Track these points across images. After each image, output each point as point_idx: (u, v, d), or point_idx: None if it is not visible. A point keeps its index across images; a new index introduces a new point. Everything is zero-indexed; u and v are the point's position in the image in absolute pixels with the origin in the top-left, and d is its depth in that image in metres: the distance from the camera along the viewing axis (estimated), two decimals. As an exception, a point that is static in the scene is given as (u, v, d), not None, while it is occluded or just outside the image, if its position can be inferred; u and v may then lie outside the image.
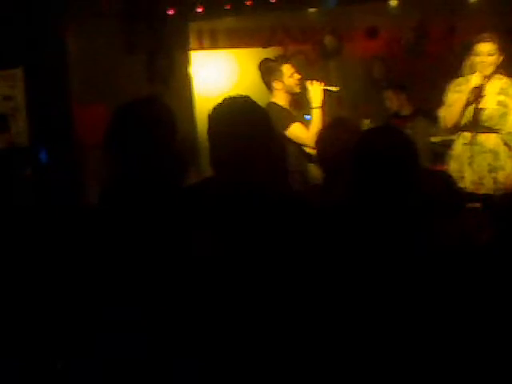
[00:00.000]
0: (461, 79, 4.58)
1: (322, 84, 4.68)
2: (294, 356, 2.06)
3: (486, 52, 4.40)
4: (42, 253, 2.44)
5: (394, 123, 5.81)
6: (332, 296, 2.12)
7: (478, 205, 3.23)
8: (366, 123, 5.59)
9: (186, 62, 5.77)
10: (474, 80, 4.39)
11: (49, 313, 2.22)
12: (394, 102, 6.07)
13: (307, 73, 5.25)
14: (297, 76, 4.89)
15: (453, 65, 4.81)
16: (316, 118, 4.58)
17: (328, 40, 6.97)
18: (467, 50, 4.47)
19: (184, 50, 5.76)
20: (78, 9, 4.76)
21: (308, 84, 4.70)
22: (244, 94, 2.37)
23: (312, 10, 6.72)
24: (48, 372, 2.13)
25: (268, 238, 2.08)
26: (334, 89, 4.67)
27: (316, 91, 4.70)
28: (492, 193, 4.10)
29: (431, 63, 5.27)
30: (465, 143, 4.43)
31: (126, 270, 2.05)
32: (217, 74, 6.42)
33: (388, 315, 2.10)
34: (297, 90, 4.82)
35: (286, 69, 4.90)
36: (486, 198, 3.47)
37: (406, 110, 5.99)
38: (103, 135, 2.12)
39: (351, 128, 3.24)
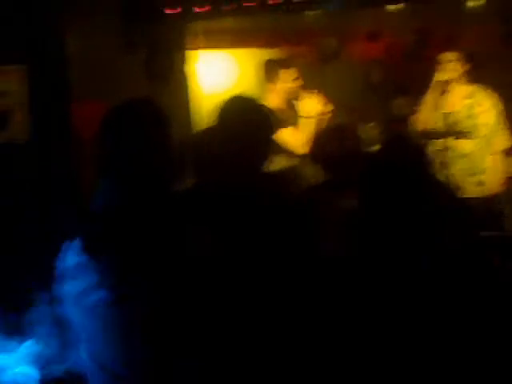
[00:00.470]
0: (432, 89, 4.72)
1: (320, 97, 4.71)
2: (293, 355, 2.07)
3: (447, 59, 4.61)
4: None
5: (395, 127, 5.86)
6: (332, 298, 2.14)
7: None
8: (369, 127, 5.63)
9: (184, 61, 5.79)
10: (439, 76, 4.57)
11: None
12: (404, 108, 6.10)
13: (305, 75, 5.29)
14: (299, 82, 4.94)
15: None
16: (304, 127, 4.60)
17: (327, 43, 7.00)
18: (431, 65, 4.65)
19: (182, 49, 5.79)
20: (77, 6, 4.80)
21: (305, 94, 4.74)
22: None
23: (311, 12, 6.75)
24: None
25: (269, 237, 2.10)
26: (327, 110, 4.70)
27: (311, 103, 4.73)
28: (475, 196, 4.17)
29: (431, 68, 5.29)
30: (437, 149, 4.53)
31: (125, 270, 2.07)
32: (214, 74, 6.45)
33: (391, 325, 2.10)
34: (295, 95, 4.87)
35: (291, 72, 4.95)
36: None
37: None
38: (97, 132, 2.15)
39: (350, 134, 3.31)
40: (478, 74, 4.98)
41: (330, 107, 4.82)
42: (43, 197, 4.34)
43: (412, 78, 6.40)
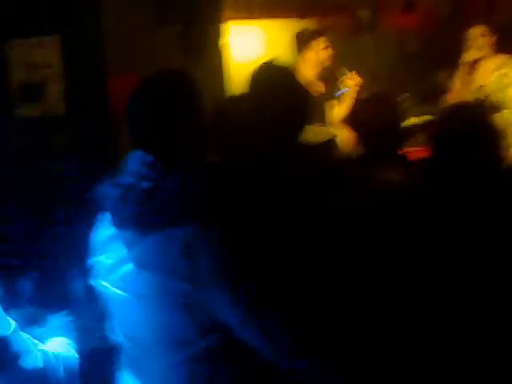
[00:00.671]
0: (459, 61, 4.69)
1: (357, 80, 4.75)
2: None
3: (477, 34, 4.53)
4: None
5: (432, 100, 5.81)
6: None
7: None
8: (402, 99, 5.59)
9: (218, 34, 5.76)
10: (469, 56, 4.53)
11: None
12: (442, 81, 6.04)
13: (341, 46, 5.25)
14: (330, 50, 4.92)
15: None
16: (342, 101, 4.65)
17: (363, 13, 6.92)
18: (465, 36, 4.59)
19: (216, 22, 5.75)
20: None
21: (345, 76, 4.76)
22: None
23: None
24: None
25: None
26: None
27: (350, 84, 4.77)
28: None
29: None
30: None
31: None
32: (251, 45, 6.42)
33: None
34: (327, 63, 4.86)
35: (321, 41, 4.93)
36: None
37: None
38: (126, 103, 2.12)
39: (391, 102, 3.26)
40: (506, 44, 4.90)
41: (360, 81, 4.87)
42: (80, 169, 4.36)
43: (449, 49, 6.31)
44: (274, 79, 2.29)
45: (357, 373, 1.90)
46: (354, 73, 4.94)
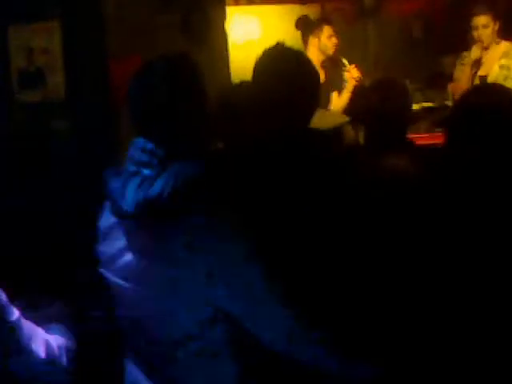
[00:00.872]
0: (465, 53, 4.68)
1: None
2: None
3: (481, 25, 4.52)
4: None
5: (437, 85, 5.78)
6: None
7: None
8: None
9: (222, 17, 5.71)
10: (474, 53, 4.51)
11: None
12: (451, 68, 5.99)
13: (345, 32, 5.21)
14: (334, 39, 4.89)
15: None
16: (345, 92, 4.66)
17: (366, -2, 6.88)
18: (469, 23, 4.55)
19: (220, 5, 5.70)
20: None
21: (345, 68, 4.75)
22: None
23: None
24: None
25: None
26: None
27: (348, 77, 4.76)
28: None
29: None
30: None
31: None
32: (252, 31, 6.38)
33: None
34: (331, 52, 4.83)
35: (326, 29, 4.91)
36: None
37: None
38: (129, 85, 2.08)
39: (400, 87, 3.22)
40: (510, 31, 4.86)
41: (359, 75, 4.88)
42: (81, 156, 4.33)
43: (453, 35, 6.26)
44: (284, 62, 2.23)
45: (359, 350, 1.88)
46: (353, 66, 4.91)
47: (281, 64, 2.23)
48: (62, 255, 3.79)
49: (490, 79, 4.65)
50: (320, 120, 2.18)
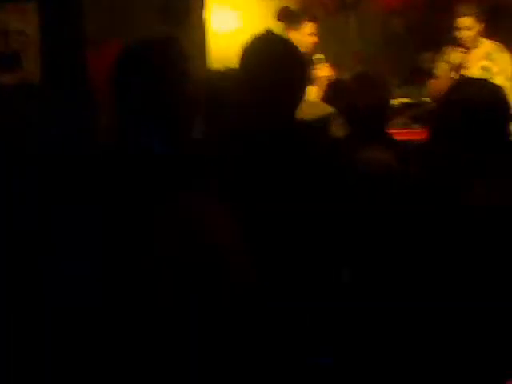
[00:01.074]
0: (449, 50, 4.62)
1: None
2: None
3: (464, 27, 4.47)
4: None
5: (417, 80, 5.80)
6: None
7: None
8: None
9: (200, 5, 5.66)
10: (454, 57, 4.46)
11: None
12: (429, 64, 5.99)
13: (325, 25, 5.18)
14: (314, 38, 4.86)
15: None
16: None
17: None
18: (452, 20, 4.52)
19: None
20: None
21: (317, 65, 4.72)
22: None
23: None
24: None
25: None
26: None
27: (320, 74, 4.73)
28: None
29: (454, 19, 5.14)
30: None
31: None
32: (232, 21, 6.33)
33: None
34: (307, 50, 4.79)
35: (309, 26, 4.87)
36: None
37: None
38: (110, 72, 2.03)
39: (378, 81, 3.23)
40: (495, 29, 4.84)
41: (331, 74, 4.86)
42: (56, 140, 4.26)
43: (434, 30, 6.26)
44: (273, 49, 2.20)
45: None
46: (327, 65, 4.88)
47: (270, 50, 2.20)
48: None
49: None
50: (308, 110, 2.16)
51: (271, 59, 2.17)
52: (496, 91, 2.21)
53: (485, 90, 2.21)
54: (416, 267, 2.01)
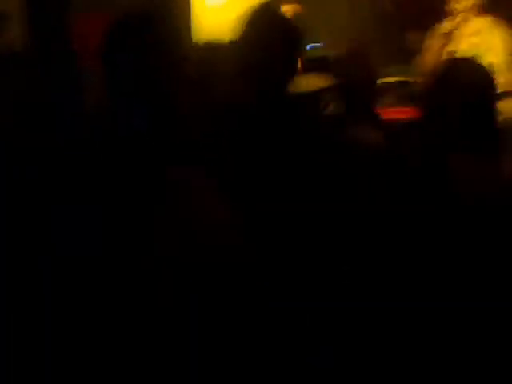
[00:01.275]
0: (437, 25, 4.58)
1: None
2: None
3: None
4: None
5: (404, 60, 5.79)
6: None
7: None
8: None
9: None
10: (444, 26, 4.41)
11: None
12: (418, 43, 5.97)
13: (315, 5, 5.15)
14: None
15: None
16: None
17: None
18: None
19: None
20: None
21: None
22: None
23: None
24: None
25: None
26: None
27: None
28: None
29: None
30: None
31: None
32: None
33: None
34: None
35: (292, 7, 4.87)
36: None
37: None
38: (100, 47, 2.00)
39: (364, 59, 3.24)
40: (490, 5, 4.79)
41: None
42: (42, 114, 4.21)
43: (422, 9, 6.24)
44: (268, 21, 2.19)
45: None
46: None
47: (266, 23, 2.19)
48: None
49: (457, 55, 4.56)
50: (304, 81, 2.15)
51: (269, 32, 2.17)
52: (482, 71, 2.21)
53: (471, 69, 2.21)
54: (416, 266, 2.01)
